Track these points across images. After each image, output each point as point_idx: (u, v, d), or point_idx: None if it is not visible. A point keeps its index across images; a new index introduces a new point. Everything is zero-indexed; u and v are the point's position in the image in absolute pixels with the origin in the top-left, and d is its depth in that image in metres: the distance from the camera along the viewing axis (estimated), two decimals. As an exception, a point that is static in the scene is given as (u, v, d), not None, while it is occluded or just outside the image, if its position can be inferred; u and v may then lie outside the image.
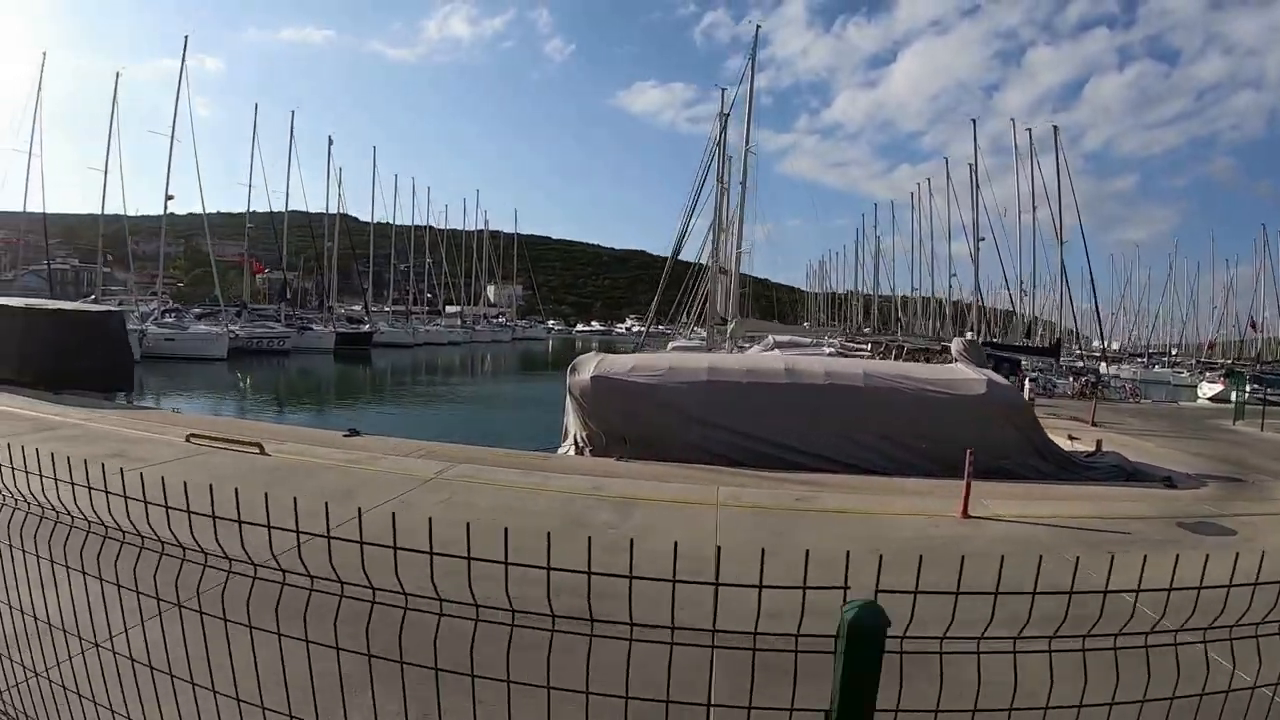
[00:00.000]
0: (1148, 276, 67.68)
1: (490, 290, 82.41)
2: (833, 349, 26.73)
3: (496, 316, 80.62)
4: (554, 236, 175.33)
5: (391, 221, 61.81)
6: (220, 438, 9.01)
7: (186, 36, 39.99)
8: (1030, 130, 38.76)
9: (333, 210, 52.65)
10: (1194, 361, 57.53)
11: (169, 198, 38.93)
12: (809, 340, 28.54)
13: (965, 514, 6.94)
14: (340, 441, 9.78)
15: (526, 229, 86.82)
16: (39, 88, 39.04)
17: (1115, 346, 53.32)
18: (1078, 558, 2.26)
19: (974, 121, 40.63)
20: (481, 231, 76.84)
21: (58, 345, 15.38)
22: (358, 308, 57.20)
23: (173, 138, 38.02)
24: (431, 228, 65.30)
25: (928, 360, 22.44)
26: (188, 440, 9.00)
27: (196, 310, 43.86)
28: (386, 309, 62.04)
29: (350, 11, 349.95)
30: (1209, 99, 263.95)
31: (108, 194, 39.07)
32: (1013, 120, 40.40)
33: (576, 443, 10.46)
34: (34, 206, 41.44)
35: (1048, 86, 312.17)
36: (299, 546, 1.79)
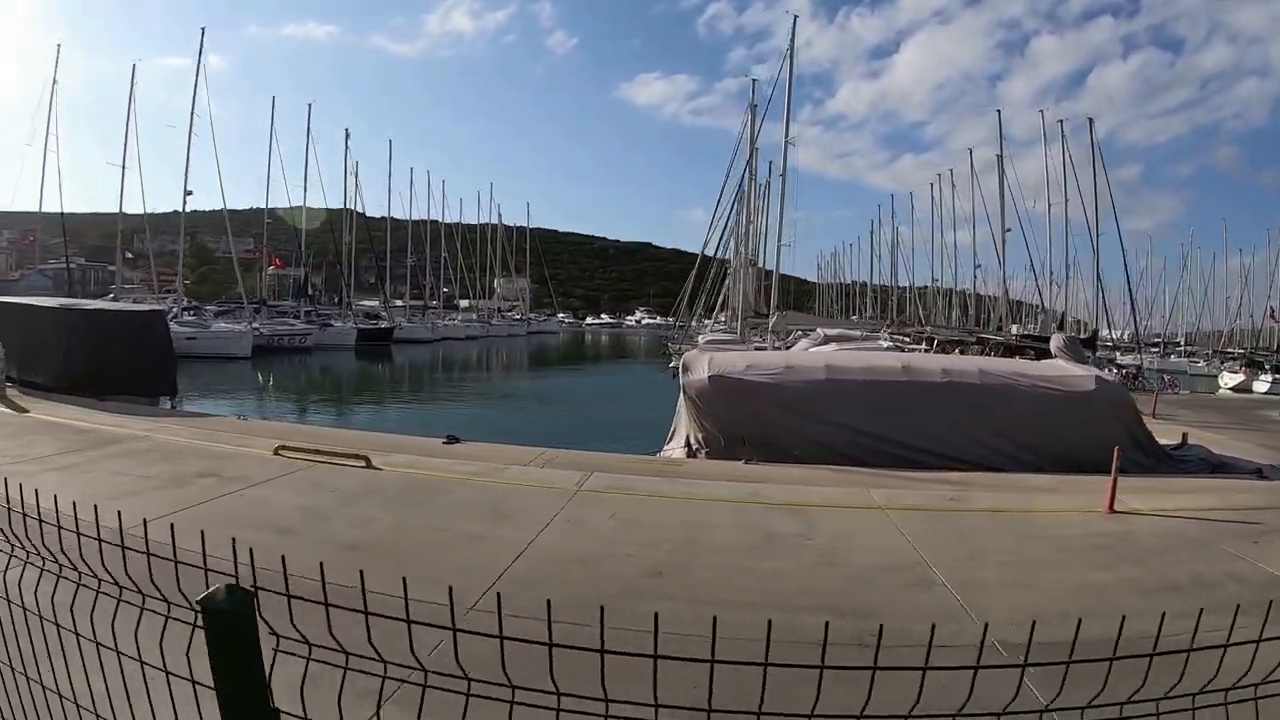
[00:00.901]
0: (1163, 265, 65.97)
1: (499, 284, 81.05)
2: (888, 343, 25.47)
3: (510, 310, 79.44)
4: (560, 230, 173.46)
5: (408, 217, 60.46)
6: (313, 449, 7.88)
7: (203, 29, 38.97)
8: (1062, 122, 37.35)
9: (350, 204, 51.23)
10: (1210, 351, 56.38)
11: (188, 193, 37.78)
12: (859, 333, 27.27)
13: (1111, 509, 6.93)
14: (444, 450, 8.74)
15: (533, 222, 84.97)
16: (53, 81, 37.61)
17: (1124, 336, 52.05)
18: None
19: (999, 113, 38.92)
20: (495, 226, 75.59)
21: (99, 348, 14.08)
22: (370, 303, 55.96)
23: (190, 132, 36.77)
24: (436, 222, 63.97)
25: (1015, 355, 21.39)
26: (276, 454, 7.91)
27: (212, 308, 42.68)
28: (399, 304, 60.74)
29: (352, 6, 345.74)
30: (1213, 88, 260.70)
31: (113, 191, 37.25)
32: (1041, 112, 39.17)
33: (689, 444, 9.95)
34: (49, 203, 40.06)
35: (1052, 76, 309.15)
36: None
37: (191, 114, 36.79)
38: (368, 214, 54.31)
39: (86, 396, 12.44)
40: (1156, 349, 55.81)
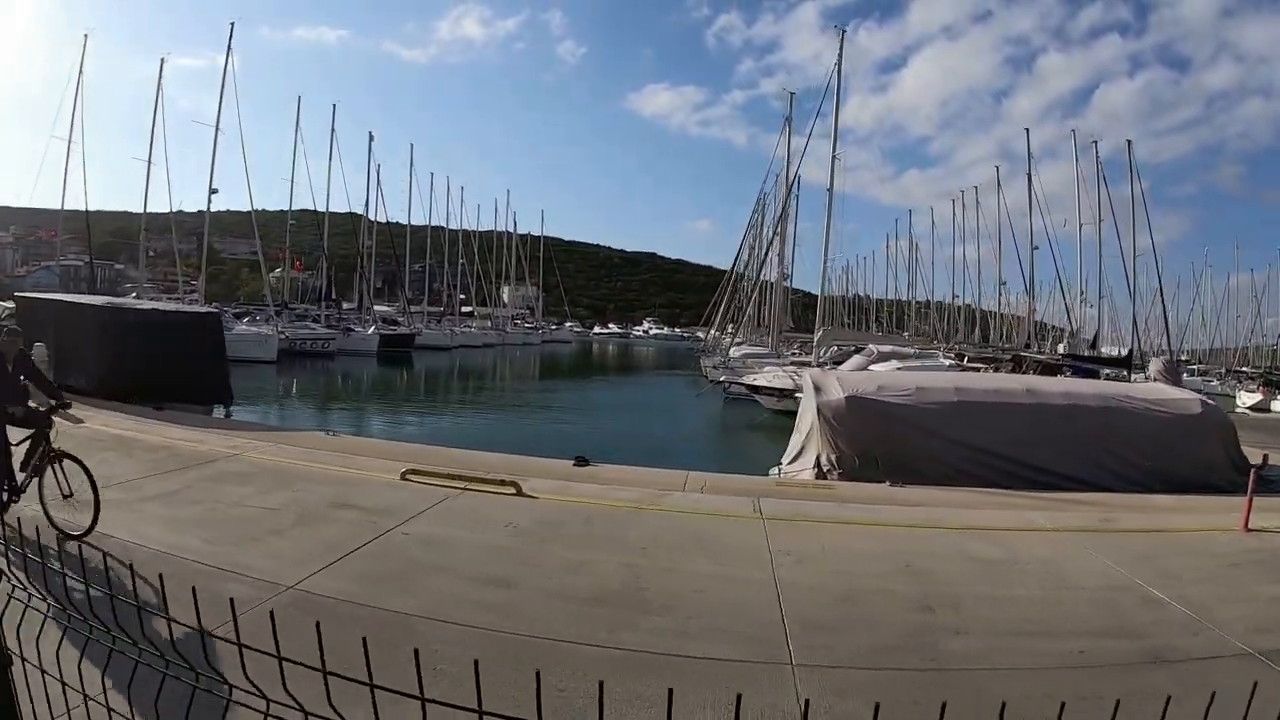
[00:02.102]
0: (1177, 283, 65.33)
1: (505, 292, 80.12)
2: (949, 360, 24.57)
3: (522, 319, 78.66)
4: (565, 238, 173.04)
5: (426, 221, 59.54)
6: (447, 474, 7.00)
7: (233, 24, 37.42)
8: (1096, 142, 36.71)
9: (372, 208, 50.29)
10: (1224, 370, 55.82)
11: (213, 191, 36.54)
12: (912, 350, 26.43)
13: (1246, 527, 7.02)
14: (580, 473, 8.03)
15: (538, 230, 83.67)
16: (79, 71, 35.88)
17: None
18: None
19: (1027, 130, 38.80)
20: (510, 233, 74.83)
21: (154, 352, 13.11)
22: (383, 308, 54.99)
23: (217, 128, 35.72)
24: (454, 229, 63.13)
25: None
26: (404, 478, 7.03)
27: (232, 310, 41.74)
28: (414, 309, 59.80)
29: (364, 11, 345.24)
30: (1218, 106, 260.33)
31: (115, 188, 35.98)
32: (1073, 131, 38.24)
33: (819, 464, 9.95)
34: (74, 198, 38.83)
35: (1058, 93, 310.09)
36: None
37: (219, 109, 35.77)
38: (377, 219, 53.15)
39: (133, 404, 11.41)
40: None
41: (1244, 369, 54.84)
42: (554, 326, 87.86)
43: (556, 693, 2.83)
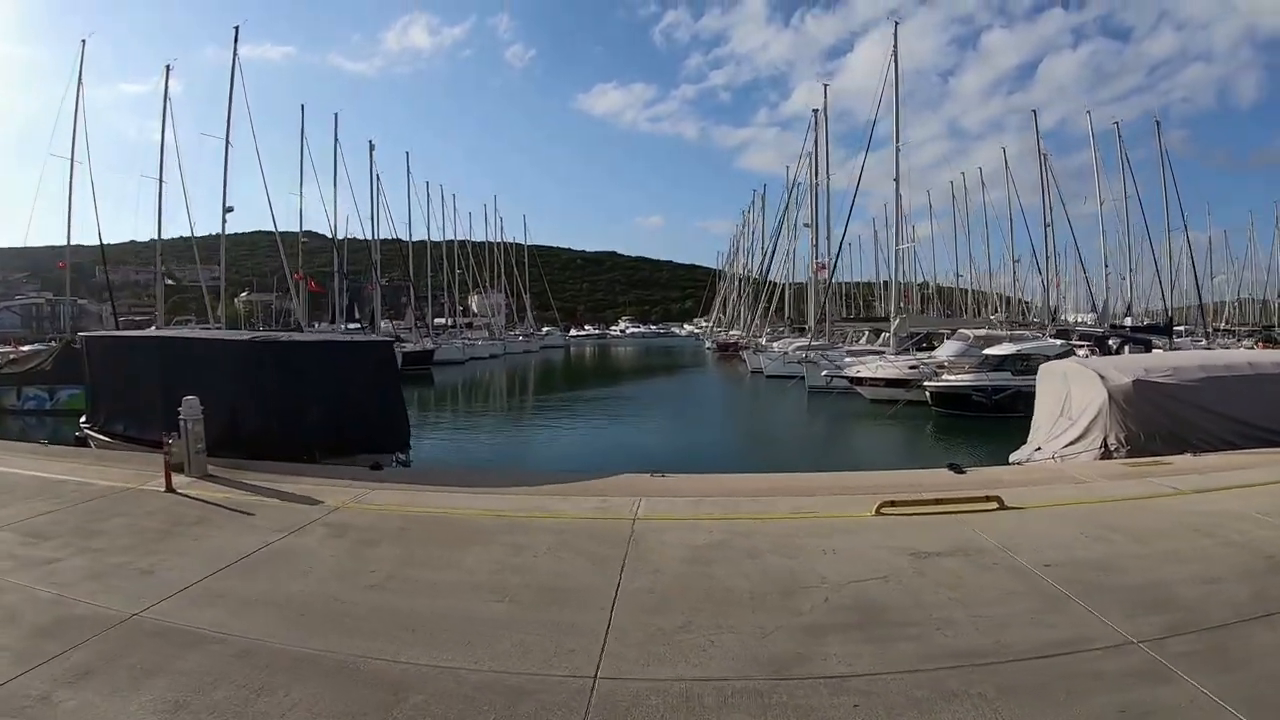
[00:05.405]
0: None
1: (474, 301, 78.93)
2: (1063, 342, 25.23)
3: (514, 326, 77.89)
4: (524, 243, 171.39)
5: (427, 237, 58.13)
6: (918, 499, 6.56)
7: (237, 28, 35.32)
8: (1117, 124, 38.85)
9: (375, 221, 48.85)
10: (1210, 329, 59.08)
11: (227, 209, 34.68)
12: (1005, 334, 27.35)
13: None
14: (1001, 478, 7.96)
15: (499, 236, 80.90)
16: (79, 81, 32.61)
17: (1088, 319, 54.32)
18: None
19: (1034, 113, 40.04)
20: (499, 242, 74.01)
21: (333, 394, 10.81)
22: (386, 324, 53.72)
23: (227, 141, 33.88)
24: (447, 241, 61.84)
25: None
26: (878, 512, 6.30)
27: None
28: (399, 324, 58.45)
29: (308, 27, 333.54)
30: (1160, 73, 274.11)
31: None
32: (1088, 113, 40.41)
33: (1105, 444, 10.48)
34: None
35: (1004, 69, 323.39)
36: None
37: (228, 122, 33.96)
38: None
39: (281, 459, 9.13)
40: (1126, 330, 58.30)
41: (1229, 327, 57.08)
42: (546, 332, 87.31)
43: None
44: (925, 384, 21.67)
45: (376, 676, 3.54)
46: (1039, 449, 11.37)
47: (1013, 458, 11.57)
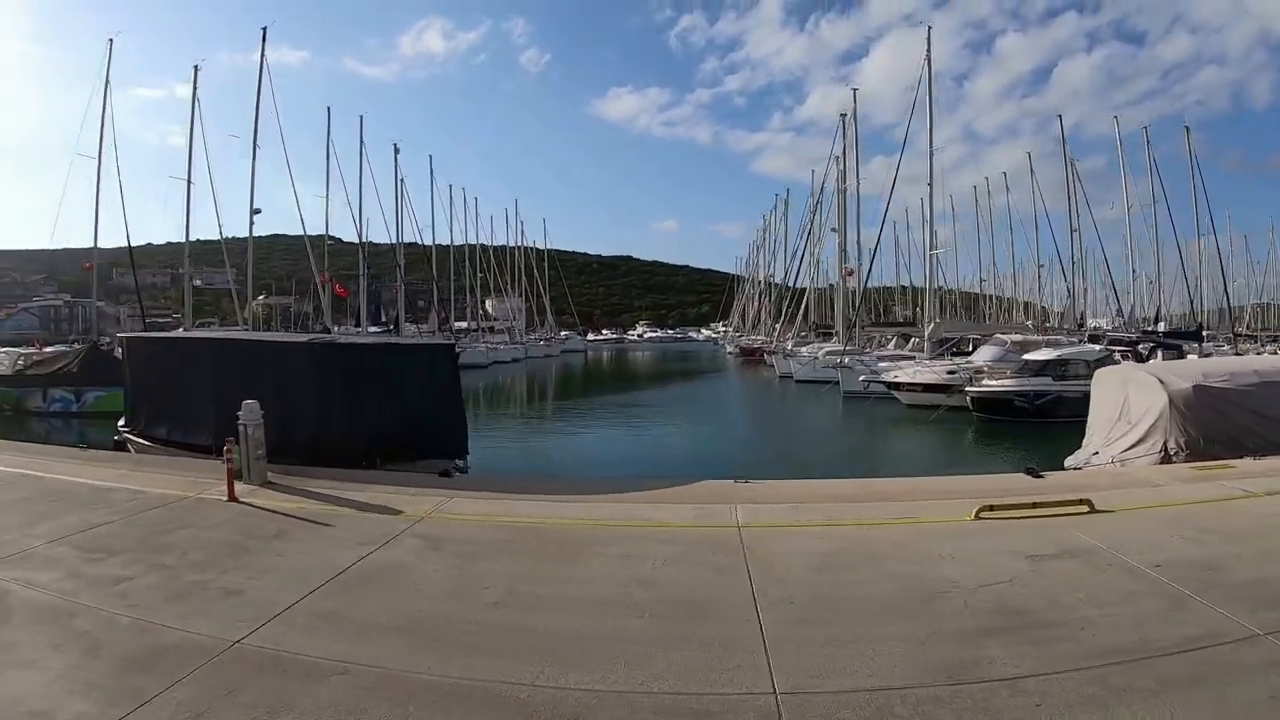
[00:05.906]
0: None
1: (489, 304, 79.50)
2: (1102, 348, 25.28)
3: (536, 330, 78.53)
4: (540, 246, 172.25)
5: (450, 240, 59.00)
6: (1016, 504, 6.71)
7: (265, 29, 35.52)
8: (1147, 128, 38.86)
9: (400, 226, 49.44)
10: (1231, 334, 58.45)
11: (256, 211, 34.82)
12: (1042, 339, 27.39)
13: None
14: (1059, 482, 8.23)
15: (515, 240, 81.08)
16: (105, 80, 32.12)
17: (1104, 324, 53.86)
18: None
19: (1060, 117, 40.53)
20: (520, 246, 74.68)
21: (395, 399, 10.60)
22: (410, 327, 54.38)
23: (255, 144, 34.46)
24: (467, 245, 62.50)
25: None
26: (977, 516, 6.36)
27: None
28: (428, 329, 59.14)
29: (323, 31, 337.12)
30: (1174, 77, 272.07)
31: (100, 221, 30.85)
32: (1115, 117, 40.66)
33: (1165, 449, 10.64)
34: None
35: (1018, 73, 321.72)
36: None
37: (255, 124, 34.39)
38: (343, 239, 50.96)
39: (338, 465, 8.92)
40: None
41: (1251, 332, 56.43)
42: (565, 336, 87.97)
43: None
44: (966, 389, 21.89)
45: (547, 705, 3.33)
46: (1096, 453, 11.53)
47: (1068, 462, 11.67)
